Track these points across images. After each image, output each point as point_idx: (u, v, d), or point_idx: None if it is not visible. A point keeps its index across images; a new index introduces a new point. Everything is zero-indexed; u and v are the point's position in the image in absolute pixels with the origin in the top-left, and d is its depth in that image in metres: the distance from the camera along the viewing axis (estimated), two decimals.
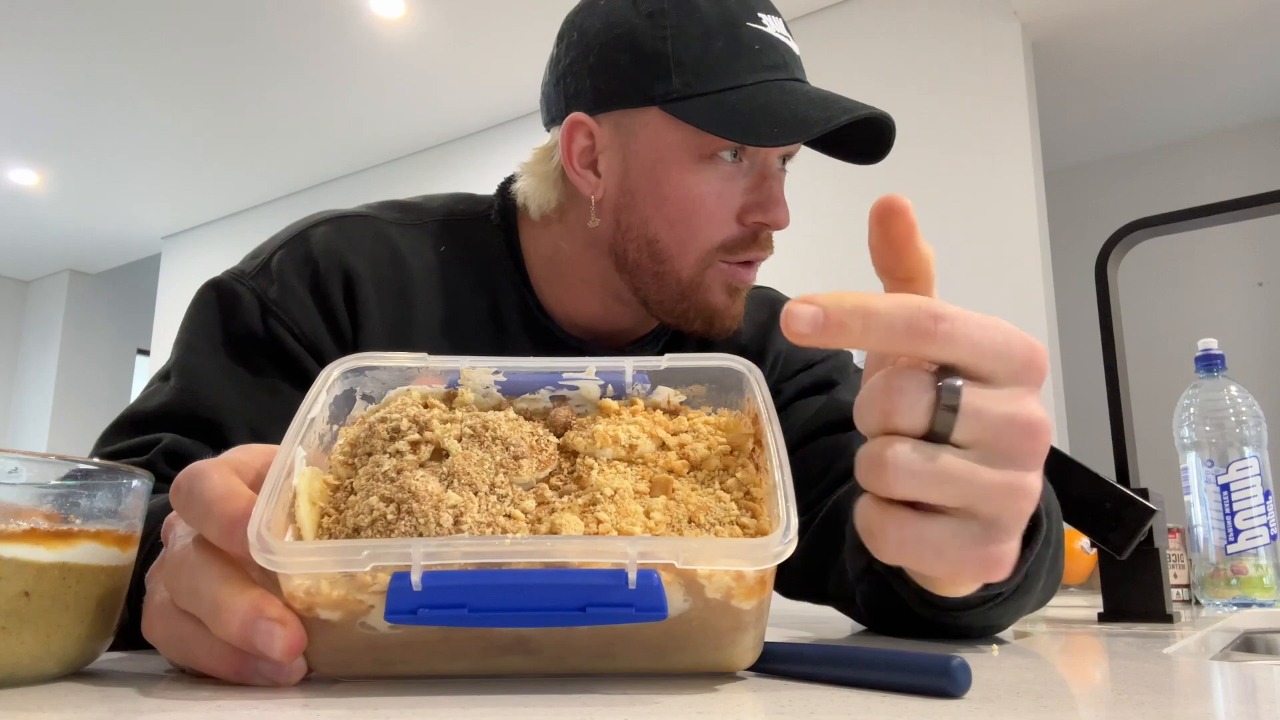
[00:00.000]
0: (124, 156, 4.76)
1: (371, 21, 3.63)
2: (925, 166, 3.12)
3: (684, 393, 0.44)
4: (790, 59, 0.75)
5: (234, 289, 0.73)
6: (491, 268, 0.81)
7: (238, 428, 0.69)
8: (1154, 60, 3.58)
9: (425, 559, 0.31)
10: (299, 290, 0.74)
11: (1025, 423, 0.36)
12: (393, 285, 0.77)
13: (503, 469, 0.38)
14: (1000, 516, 0.37)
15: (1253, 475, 1.06)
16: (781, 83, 0.73)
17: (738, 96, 0.71)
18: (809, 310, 0.35)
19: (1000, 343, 0.36)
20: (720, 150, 0.73)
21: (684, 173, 0.73)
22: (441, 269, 0.79)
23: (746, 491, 0.38)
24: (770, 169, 0.76)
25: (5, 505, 0.34)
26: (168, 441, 0.67)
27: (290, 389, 0.72)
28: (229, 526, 0.34)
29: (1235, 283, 4.02)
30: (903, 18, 3.27)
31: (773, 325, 0.90)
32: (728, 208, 0.74)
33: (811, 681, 0.36)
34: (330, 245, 0.76)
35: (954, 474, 0.35)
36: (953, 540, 0.36)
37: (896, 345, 0.36)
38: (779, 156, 0.77)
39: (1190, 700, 0.36)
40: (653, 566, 0.31)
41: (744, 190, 0.75)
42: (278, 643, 0.33)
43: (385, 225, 0.80)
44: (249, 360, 0.71)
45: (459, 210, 0.84)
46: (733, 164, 0.74)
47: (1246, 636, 0.90)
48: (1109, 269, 0.94)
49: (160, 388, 0.72)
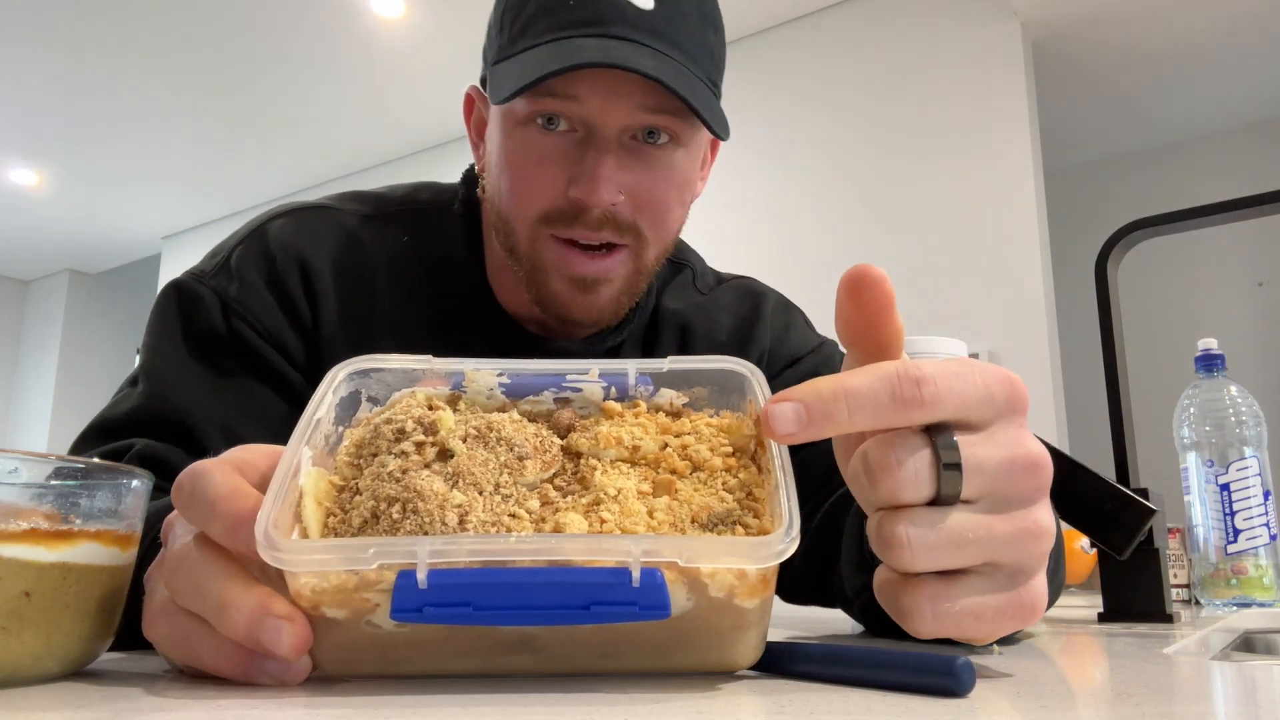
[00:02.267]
0: (124, 156, 4.76)
1: (371, 21, 3.63)
2: (925, 166, 3.12)
3: (686, 395, 0.44)
4: (610, 11, 0.68)
5: (194, 289, 0.74)
6: (451, 259, 0.80)
7: (208, 427, 0.69)
8: (1154, 60, 3.58)
9: (431, 557, 0.31)
10: (258, 285, 0.74)
11: (1026, 462, 0.36)
12: (352, 277, 0.77)
13: (507, 469, 0.38)
14: (1023, 562, 0.37)
15: (1253, 475, 1.06)
16: (571, 39, 0.67)
17: (525, 57, 0.69)
18: (789, 409, 0.35)
19: (981, 388, 0.36)
20: (534, 116, 0.70)
21: (505, 137, 0.72)
22: (402, 260, 0.79)
23: (749, 492, 0.39)
24: (598, 139, 0.69)
25: (5, 505, 0.34)
26: (140, 447, 0.67)
27: (258, 385, 0.72)
28: (234, 525, 0.34)
29: (1235, 283, 4.02)
30: (903, 18, 3.27)
31: (755, 319, 0.88)
32: (549, 176, 0.70)
33: (815, 681, 0.36)
34: (288, 239, 0.77)
35: (972, 536, 0.35)
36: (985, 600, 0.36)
37: (885, 420, 0.35)
38: (616, 129, 0.70)
39: (1190, 700, 0.37)
40: (656, 565, 0.32)
41: (573, 160, 0.70)
42: (285, 640, 0.33)
43: (345, 216, 0.80)
44: (214, 360, 0.72)
45: (420, 200, 0.84)
46: (557, 131, 0.70)
47: (1246, 636, 0.90)
48: (1109, 269, 0.94)
49: (129, 393, 0.72)
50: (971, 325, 2.86)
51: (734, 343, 0.86)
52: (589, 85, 0.68)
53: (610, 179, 0.69)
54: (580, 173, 0.69)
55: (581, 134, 0.70)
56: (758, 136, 3.48)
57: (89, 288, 6.45)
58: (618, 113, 0.69)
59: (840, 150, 3.29)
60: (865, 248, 3.17)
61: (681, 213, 0.77)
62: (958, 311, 2.94)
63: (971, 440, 0.36)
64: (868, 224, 3.19)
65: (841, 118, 3.32)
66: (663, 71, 0.66)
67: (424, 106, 4.24)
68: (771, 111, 3.47)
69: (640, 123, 0.70)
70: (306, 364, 0.75)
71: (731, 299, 0.90)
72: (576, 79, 0.68)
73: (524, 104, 0.70)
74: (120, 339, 6.40)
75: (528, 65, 0.67)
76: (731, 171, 3.51)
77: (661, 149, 0.72)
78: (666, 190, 0.73)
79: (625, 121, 0.70)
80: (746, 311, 0.88)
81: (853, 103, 3.31)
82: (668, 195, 0.73)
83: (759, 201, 3.43)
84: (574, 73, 0.66)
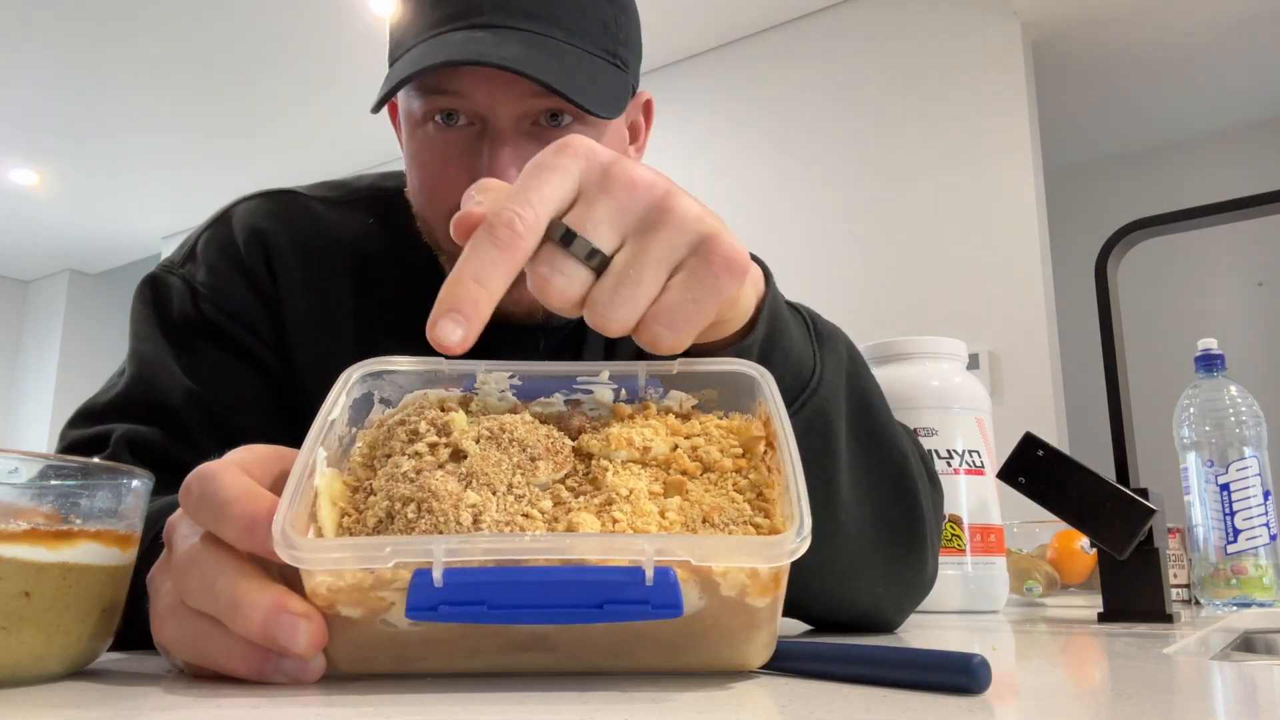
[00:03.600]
0: (124, 156, 4.76)
1: (371, 21, 3.63)
2: (925, 166, 3.13)
3: (696, 397, 0.45)
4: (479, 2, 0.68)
5: (165, 280, 0.77)
6: (413, 241, 0.81)
7: (186, 407, 0.71)
8: (1154, 60, 3.59)
9: (447, 556, 0.32)
10: (224, 269, 0.76)
11: (625, 183, 0.40)
12: (316, 256, 0.78)
13: (520, 470, 0.38)
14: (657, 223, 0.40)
15: (1252, 475, 1.06)
16: (441, 35, 0.68)
17: (406, 58, 0.69)
18: (447, 324, 0.37)
19: (559, 173, 0.40)
20: (430, 114, 0.70)
21: (409, 138, 0.74)
22: (365, 241, 0.80)
23: (759, 493, 0.39)
24: (493, 131, 0.69)
25: (5, 505, 0.34)
26: (124, 431, 0.69)
27: (232, 362, 0.74)
28: (249, 525, 0.35)
29: (1235, 283, 4.03)
30: (903, 18, 3.28)
31: None
32: (453, 172, 0.70)
33: (826, 680, 0.36)
34: (250, 220, 0.78)
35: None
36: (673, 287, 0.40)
37: (514, 267, 0.39)
38: (510, 119, 0.69)
39: (1190, 700, 0.37)
40: (668, 564, 0.32)
41: (475, 153, 0.70)
42: (301, 637, 0.33)
43: (309, 200, 0.82)
44: (190, 345, 0.74)
45: (386, 186, 0.85)
46: (456, 127, 0.70)
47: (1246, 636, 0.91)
48: (1109, 269, 0.94)
49: (115, 381, 0.75)
50: (971, 325, 2.87)
51: None
52: (470, 80, 0.68)
53: (508, 169, 0.68)
54: (480, 166, 0.69)
55: (479, 127, 0.70)
56: (758, 135, 3.48)
57: (89, 288, 6.45)
58: (505, 104, 0.68)
59: (840, 150, 3.29)
60: (864, 247, 3.17)
61: None
62: (958, 311, 2.94)
63: (579, 213, 0.40)
64: (867, 223, 3.19)
65: (841, 118, 3.32)
66: (529, 60, 0.65)
67: None
68: (771, 111, 3.48)
69: (535, 108, 0.69)
70: (275, 341, 0.76)
71: None
72: (458, 75, 0.67)
73: (420, 103, 0.71)
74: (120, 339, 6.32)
75: (401, 68, 0.68)
76: (731, 169, 3.52)
77: (567, 129, 0.70)
78: None
79: (516, 110, 0.69)
80: None
81: (852, 103, 3.31)
82: None
83: (759, 200, 3.43)
84: (456, 69, 0.66)
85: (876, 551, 0.62)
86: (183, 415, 0.70)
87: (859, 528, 0.60)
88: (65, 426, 0.73)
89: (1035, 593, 1.22)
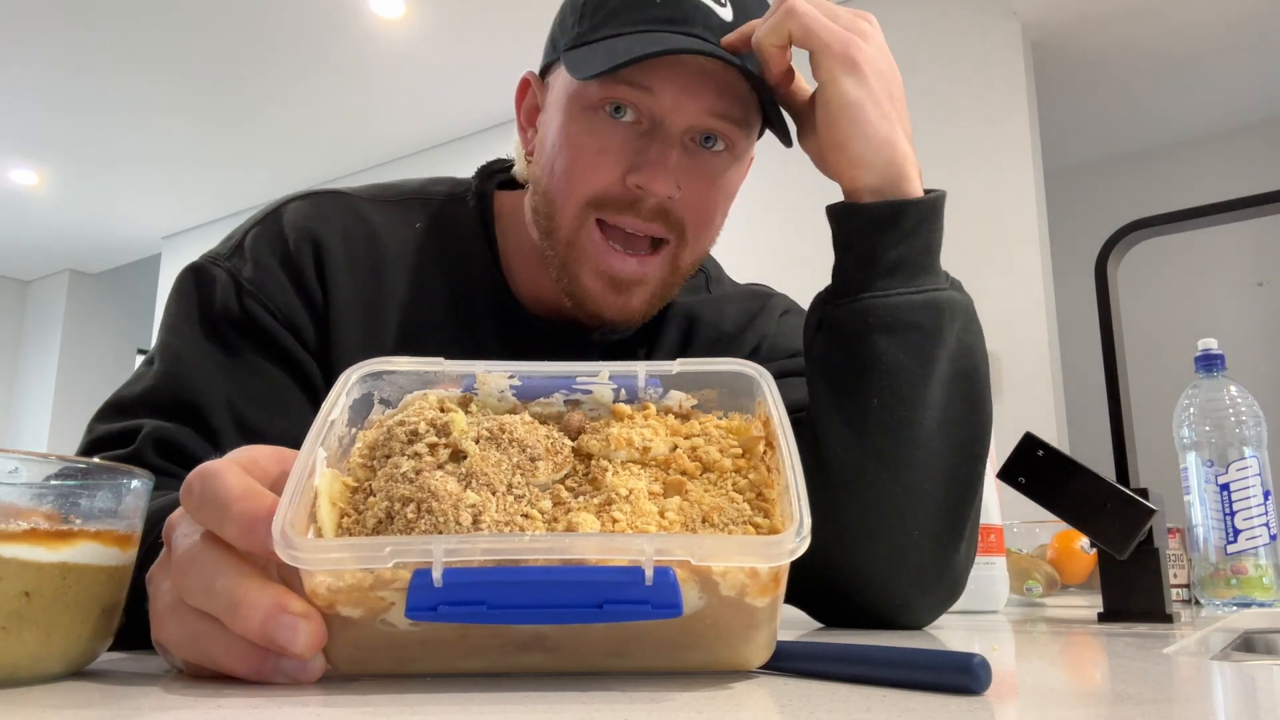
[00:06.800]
0: (124, 156, 4.76)
1: (371, 21, 3.63)
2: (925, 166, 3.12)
3: (695, 397, 0.45)
4: (695, 13, 0.71)
5: (210, 271, 0.75)
6: (464, 246, 0.81)
7: (217, 408, 0.70)
8: (1154, 60, 3.59)
9: (446, 556, 0.32)
10: (272, 266, 0.75)
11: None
12: (365, 259, 0.78)
13: (519, 470, 0.38)
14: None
15: (1252, 475, 1.06)
16: (658, 32, 0.70)
17: (609, 43, 0.70)
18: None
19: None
20: (604, 102, 0.72)
21: (569, 120, 0.74)
22: (415, 245, 0.80)
23: (759, 493, 0.39)
24: (663, 133, 0.72)
25: (5, 505, 0.34)
26: (151, 428, 0.68)
27: (268, 366, 0.73)
28: (249, 525, 0.35)
29: (1235, 283, 4.03)
30: (903, 18, 3.27)
31: (759, 310, 0.90)
32: (609, 162, 0.72)
33: (826, 680, 0.36)
34: (301, 220, 0.78)
35: None
36: None
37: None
38: (682, 127, 0.72)
39: (1190, 700, 0.37)
40: (668, 563, 0.32)
41: (635, 150, 0.72)
42: (301, 637, 0.33)
43: (358, 201, 0.82)
44: (227, 340, 0.73)
45: (435, 190, 0.85)
46: (623, 121, 0.72)
47: (1246, 636, 0.91)
48: (1109, 269, 0.94)
49: (145, 373, 0.73)
50: None
51: (736, 331, 0.88)
52: (665, 79, 0.70)
53: (667, 176, 0.71)
54: (643, 162, 0.71)
55: (646, 126, 0.72)
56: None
57: (89, 288, 6.45)
58: (687, 111, 0.71)
59: None
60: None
61: (721, 223, 0.79)
62: None
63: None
64: None
65: None
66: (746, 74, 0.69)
67: (424, 107, 4.24)
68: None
69: (704, 125, 0.73)
70: (317, 344, 0.75)
71: (739, 295, 0.92)
72: (654, 72, 0.70)
73: (597, 89, 0.71)
74: (120, 339, 6.40)
75: (614, 49, 0.69)
76: None
77: (717, 156, 0.75)
78: (716, 196, 0.76)
79: (691, 121, 0.72)
80: (753, 306, 0.91)
81: None
82: (716, 201, 0.76)
83: (758, 200, 3.43)
84: (652, 65, 0.69)
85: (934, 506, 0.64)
86: (214, 417, 0.69)
87: (928, 473, 0.62)
88: (93, 419, 0.71)
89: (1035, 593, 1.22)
